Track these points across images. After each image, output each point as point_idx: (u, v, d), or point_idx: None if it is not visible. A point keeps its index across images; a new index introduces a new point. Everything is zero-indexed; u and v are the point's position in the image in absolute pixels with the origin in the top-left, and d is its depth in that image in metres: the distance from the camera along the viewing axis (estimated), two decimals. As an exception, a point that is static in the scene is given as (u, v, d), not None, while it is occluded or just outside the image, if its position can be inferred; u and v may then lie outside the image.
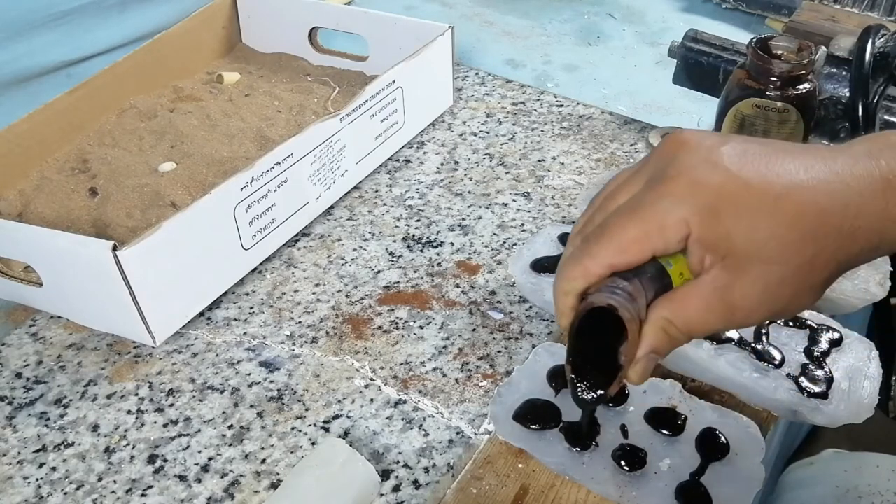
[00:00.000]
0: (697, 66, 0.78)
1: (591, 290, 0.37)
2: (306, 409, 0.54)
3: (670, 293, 0.37)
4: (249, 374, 0.57)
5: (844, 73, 0.70)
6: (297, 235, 0.69)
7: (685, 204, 0.35)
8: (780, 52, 0.65)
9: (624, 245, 0.36)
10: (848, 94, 0.67)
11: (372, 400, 0.55)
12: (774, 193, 0.34)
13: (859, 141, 0.36)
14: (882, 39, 0.67)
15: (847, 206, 0.34)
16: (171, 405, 0.55)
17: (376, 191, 0.74)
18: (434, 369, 0.57)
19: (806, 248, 0.35)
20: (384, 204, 0.73)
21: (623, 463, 0.47)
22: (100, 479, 0.50)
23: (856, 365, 0.52)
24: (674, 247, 0.36)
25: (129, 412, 0.54)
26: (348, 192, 0.73)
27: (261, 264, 0.66)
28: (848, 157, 0.35)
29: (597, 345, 0.39)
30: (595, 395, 0.41)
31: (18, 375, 0.57)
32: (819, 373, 0.51)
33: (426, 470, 0.50)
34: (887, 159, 0.34)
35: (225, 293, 0.63)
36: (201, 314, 0.62)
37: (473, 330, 0.60)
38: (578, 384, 0.41)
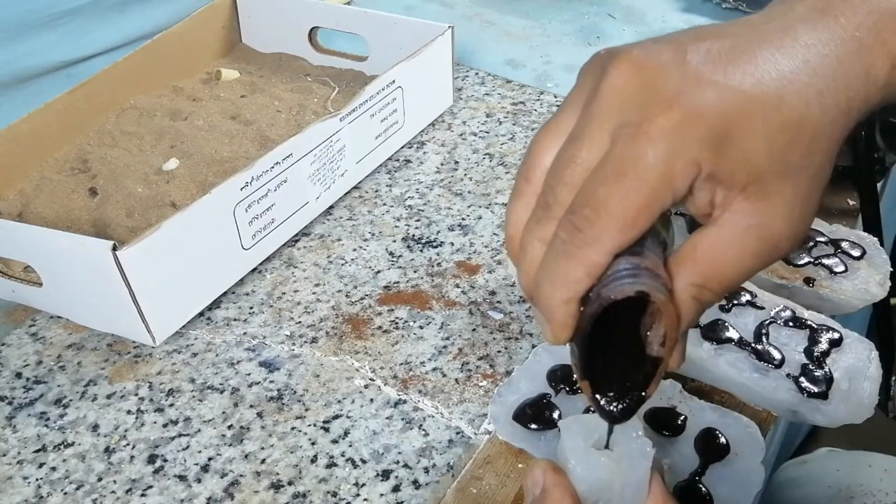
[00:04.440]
0: (697, 67, 0.78)
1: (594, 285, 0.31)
2: (306, 409, 0.54)
3: (685, 252, 0.31)
4: (249, 374, 0.57)
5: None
6: (297, 235, 0.69)
7: (689, 139, 0.29)
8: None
9: (630, 217, 0.29)
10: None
11: (372, 400, 0.55)
12: (774, 94, 0.29)
13: None
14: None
15: (835, 80, 0.30)
16: (171, 405, 0.55)
17: (376, 191, 0.74)
18: (434, 369, 0.57)
19: (821, 141, 0.30)
20: (384, 204, 0.73)
21: (623, 463, 0.47)
22: (100, 479, 0.50)
23: (856, 365, 0.52)
24: (681, 197, 0.30)
25: (128, 412, 0.54)
26: (348, 192, 0.73)
27: (261, 264, 0.66)
28: (805, 24, 0.30)
29: (606, 345, 0.32)
30: (633, 403, 0.33)
31: (18, 375, 0.57)
32: (819, 373, 0.51)
33: (426, 470, 0.50)
34: (844, 15, 0.31)
35: (225, 293, 0.63)
36: (201, 314, 0.62)
37: (473, 330, 0.60)
38: (606, 400, 0.33)
